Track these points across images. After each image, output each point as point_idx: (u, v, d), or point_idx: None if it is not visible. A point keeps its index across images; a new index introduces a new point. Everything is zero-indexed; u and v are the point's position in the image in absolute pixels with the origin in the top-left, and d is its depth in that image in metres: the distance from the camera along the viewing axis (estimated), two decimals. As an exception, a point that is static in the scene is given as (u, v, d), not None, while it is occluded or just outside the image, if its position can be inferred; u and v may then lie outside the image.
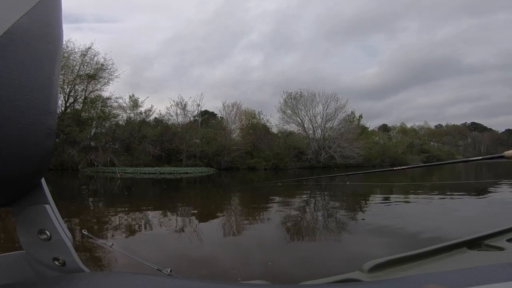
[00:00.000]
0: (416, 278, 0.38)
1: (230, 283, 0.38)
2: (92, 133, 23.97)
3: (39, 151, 0.34)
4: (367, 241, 3.68)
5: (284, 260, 3.05)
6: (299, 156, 30.37)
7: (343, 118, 32.94)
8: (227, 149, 26.37)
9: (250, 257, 3.21)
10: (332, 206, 6.82)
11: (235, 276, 2.47)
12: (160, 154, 24.40)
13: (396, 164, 34.69)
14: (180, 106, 27.30)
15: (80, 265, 0.42)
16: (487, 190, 8.67)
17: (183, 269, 2.68)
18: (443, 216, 4.99)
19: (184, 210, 6.47)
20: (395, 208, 6.28)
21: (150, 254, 3.13)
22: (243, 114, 31.25)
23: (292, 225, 4.79)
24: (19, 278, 0.44)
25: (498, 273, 0.38)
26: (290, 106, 32.52)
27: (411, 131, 50.82)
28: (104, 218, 5.31)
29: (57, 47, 0.34)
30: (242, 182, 15.53)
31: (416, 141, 46.16)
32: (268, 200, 7.32)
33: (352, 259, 2.88)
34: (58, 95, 0.43)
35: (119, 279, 0.35)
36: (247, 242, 3.85)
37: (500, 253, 1.15)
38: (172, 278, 0.52)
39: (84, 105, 23.78)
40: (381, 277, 0.95)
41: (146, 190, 11.25)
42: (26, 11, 0.30)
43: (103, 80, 24.18)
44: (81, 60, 23.20)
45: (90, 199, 8.42)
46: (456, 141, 61.02)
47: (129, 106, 25.02)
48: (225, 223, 4.96)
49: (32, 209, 0.40)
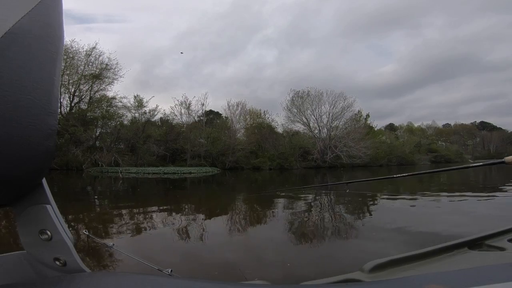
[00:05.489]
0: (417, 278, 0.38)
1: (230, 283, 0.38)
2: (97, 133, 24.03)
3: (40, 152, 0.34)
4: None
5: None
6: (305, 156, 30.00)
7: (350, 117, 32.53)
8: (232, 148, 26.20)
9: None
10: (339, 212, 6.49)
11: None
12: (165, 154, 24.36)
13: (404, 163, 34.24)
14: (184, 105, 27.32)
15: (81, 265, 0.42)
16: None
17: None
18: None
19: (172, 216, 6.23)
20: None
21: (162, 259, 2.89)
22: (248, 114, 31.14)
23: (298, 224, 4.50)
24: (20, 278, 0.44)
25: (499, 274, 0.38)
26: (296, 105, 32.24)
27: (418, 130, 50.05)
28: (102, 219, 5.10)
29: (58, 47, 0.34)
30: (246, 182, 15.26)
31: (423, 141, 45.44)
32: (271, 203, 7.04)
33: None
34: (61, 95, 0.44)
35: (120, 279, 0.35)
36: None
37: (502, 254, 1.14)
38: (173, 278, 0.52)
39: (89, 105, 23.83)
40: (382, 277, 0.94)
41: (144, 191, 11.06)
42: (27, 11, 0.30)
43: (108, 80, 24.29)
44: (86, 60, 23.33)
45: (87, 200, 8.25)
46: (465, 141, 59.95)
47: (134, 106, 25.07)
48: (230, 220, 4.70)
49: (33, 209, 0.41)
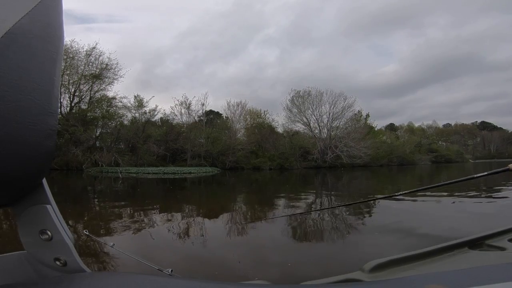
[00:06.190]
0: (417, 278, 0.38)
1: (231, 283, 0.38)
2: (98, 133, 24.04)
3: (40, 152, 0.34)
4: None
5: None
6: (305, 156, 29.99)
7: (350, 117, 32.51)
8: (232, 148, 26.20)
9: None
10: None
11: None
12: (165, 154, 24.35)
13: (404, 163, 34.20)
14: (184, 105, 27.32)
15: (81, 265, 0.43)
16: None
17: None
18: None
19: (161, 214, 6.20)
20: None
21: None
22: (248, 114, 31.15)
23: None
24: (21, 278, 0.45)
25: (499, 273, 0.38)
26: (297, 105, 32.22)
27: (418, 130, 50.00)
28: (102, 219, 5.08)
29: (58, 47, 0.35)
30: (247, 182, 15.24)
31: (424, 141, 45.41)
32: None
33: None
34: (61, 95, 0.44)
35: (120, 279, 0.35)
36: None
37: (502, 253, 1.13)
38: (173, 278, 0.52)
39: (89, 105, 23.84)
40: (382, 277, 0.94)
41: (144, 191, 11.05)
42: (27, 11, 0.30)
43: (108, 80, 24.33)
44: (86, 60, 23.35)
45: (86, 200, 8.24)
46: (465, 141, 59.89)
47: (134, 106, 25.09)
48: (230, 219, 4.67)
49: (34, 209, 0.41)
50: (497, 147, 58.24)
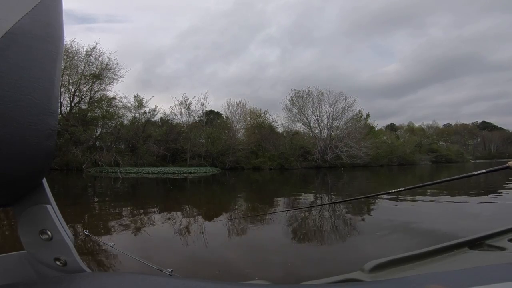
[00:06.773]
0: (417, 278, 0.38)
1: (231, 283, 0.38)
2: (98, 133, 24.02)
3: (40, 152, 0.34)
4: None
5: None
6: (305, 156, 29.96)
7: (350, 117, 32.48)
8: (232, 148, 26.18)
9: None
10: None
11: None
12: (165, 154, 24.33)
13: (404, 163, 34.18)
14: (184, 105, 27.31)
15: (81, 265, 0.43)
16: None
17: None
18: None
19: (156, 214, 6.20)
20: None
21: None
22: (248, 114, 31.13)
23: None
24: (21, 278, 0.45)
25: (499, 273, 0.38)
26: (297, 105, 32.20)
27: (419, 130, 49.95)
28: (102, 219, 5.08)
29: (58, 47, 0.35)
30: (246, 184, 15.22)
31: (424, 141, 45.37)
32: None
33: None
34: (61, 95, 0.44)
35: (120, 279, 0.35)
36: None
37: (502, 253, 1.13)
38: (173, 278, 0.52)
39: (89, 105, 23.82)
40: (382, 277, 0.94)
41: (144, 191, 11.04)
42: (27, 11, 0.30)
43: (108, 80, 24.30)
44: (86, 60, 23.33)
45: (86, 200, 8.23)
46: (465, 140, 59.83)
47: (134, 106, 25.08)
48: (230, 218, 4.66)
49: (34, 209, 0.41)
50: (497, 147, 58.18)
